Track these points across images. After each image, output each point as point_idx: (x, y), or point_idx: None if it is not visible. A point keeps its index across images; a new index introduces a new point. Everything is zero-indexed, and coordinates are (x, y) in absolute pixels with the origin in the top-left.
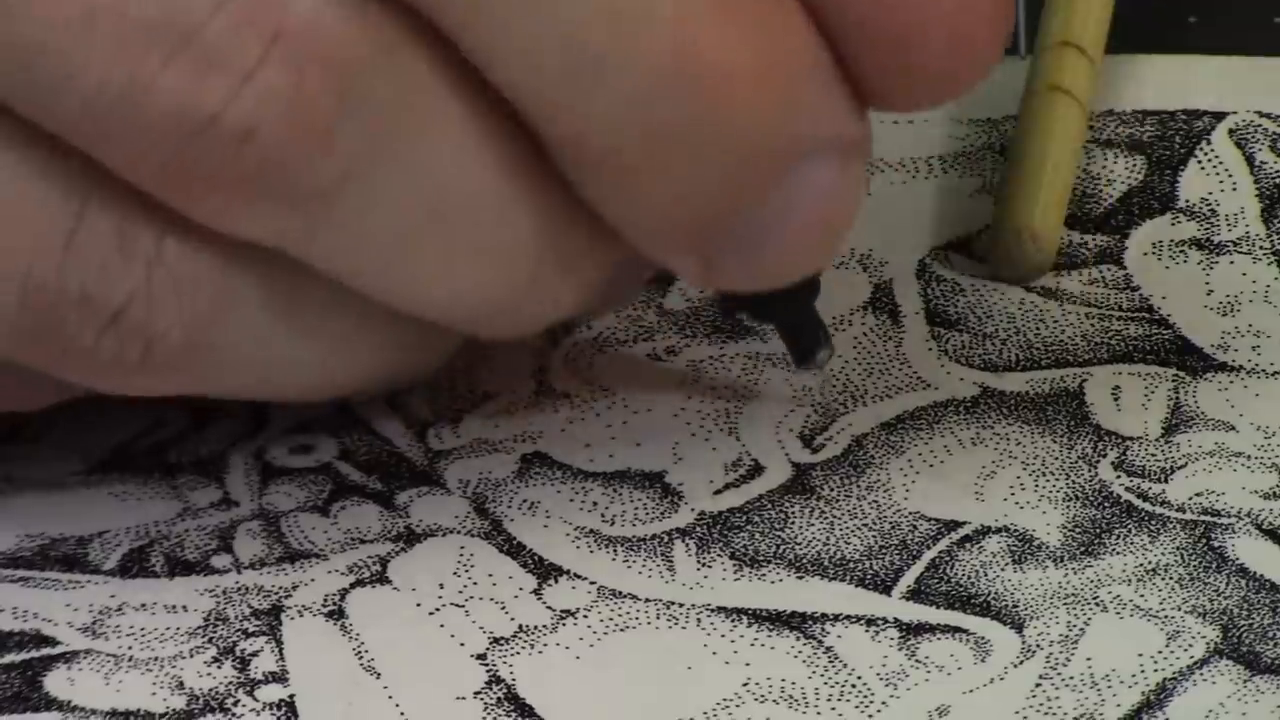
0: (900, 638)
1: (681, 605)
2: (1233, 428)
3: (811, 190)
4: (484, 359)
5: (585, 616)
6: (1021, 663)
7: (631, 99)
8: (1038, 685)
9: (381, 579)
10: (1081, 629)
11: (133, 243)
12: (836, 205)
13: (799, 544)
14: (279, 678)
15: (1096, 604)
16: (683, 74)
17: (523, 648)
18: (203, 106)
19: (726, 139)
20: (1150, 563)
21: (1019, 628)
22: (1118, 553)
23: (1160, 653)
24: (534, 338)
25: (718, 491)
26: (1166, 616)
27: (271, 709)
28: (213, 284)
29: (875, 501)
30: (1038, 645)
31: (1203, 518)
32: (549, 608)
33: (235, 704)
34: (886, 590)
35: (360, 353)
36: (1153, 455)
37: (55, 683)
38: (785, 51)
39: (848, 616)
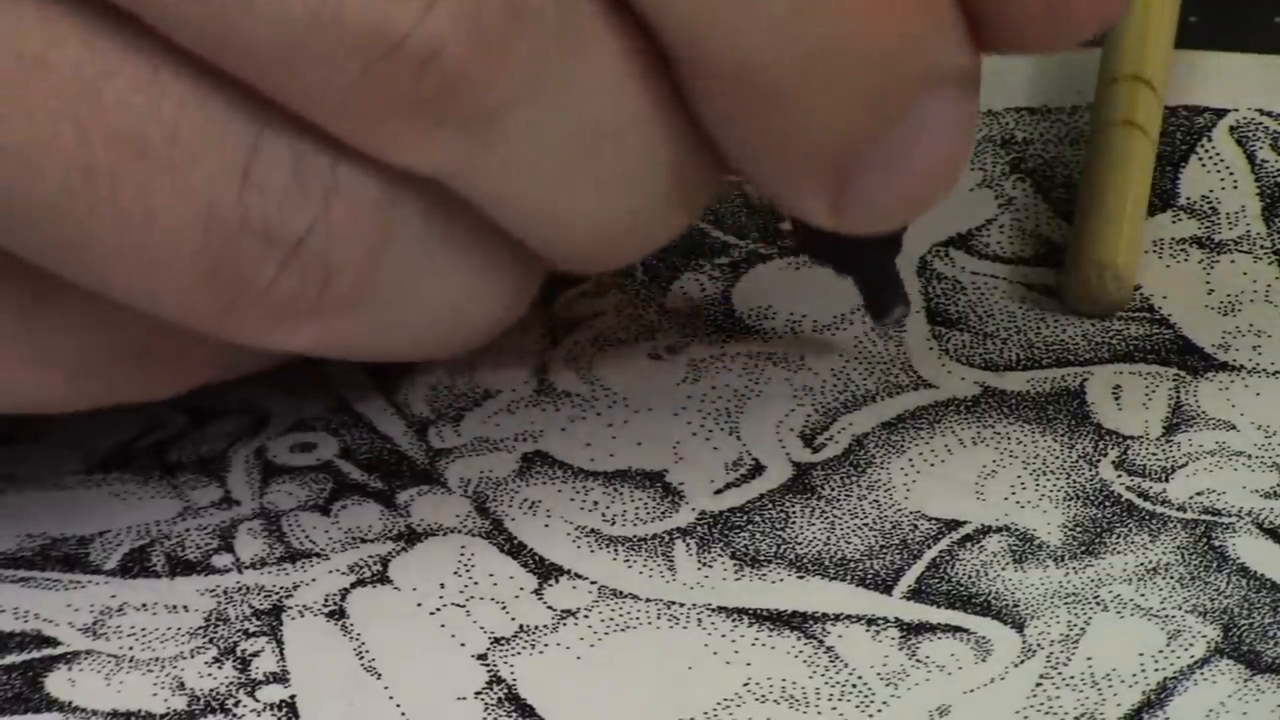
0: (901, 637)
1: (682, 605)
2: (1233, 427)
3: (937, 122)
4: (485, 357)
5: (586, 616)
6: (1022, 662)
7: (785, 18)
8: (1038, 685)
9: (382, 579)
10: (1082, 628)
11: (309, 171)
12: (958, 137)
13: (800, 544)
14: (280, 678)
15: (1097, 603)
16: None
17: (523, 647)
18: (391, 28)
19: (871, 56)
20: (1151, 562)
21: (1020, 627)
22: (1118, 552)
23: (1161, 652)
24: (535, 337)
25: (718, 491)
26: (1167, 616)
27: (272, 709)
28: (383, 211)
29: (876, 501)
30: (1038, 645)
31: (1203, 517)
32: (550, 607)
33: (236, 704)
34: (887, 590)
35: (494, 293)
36: (1153, 454)
37: (56, 683)
38: None
39: (848, 616)
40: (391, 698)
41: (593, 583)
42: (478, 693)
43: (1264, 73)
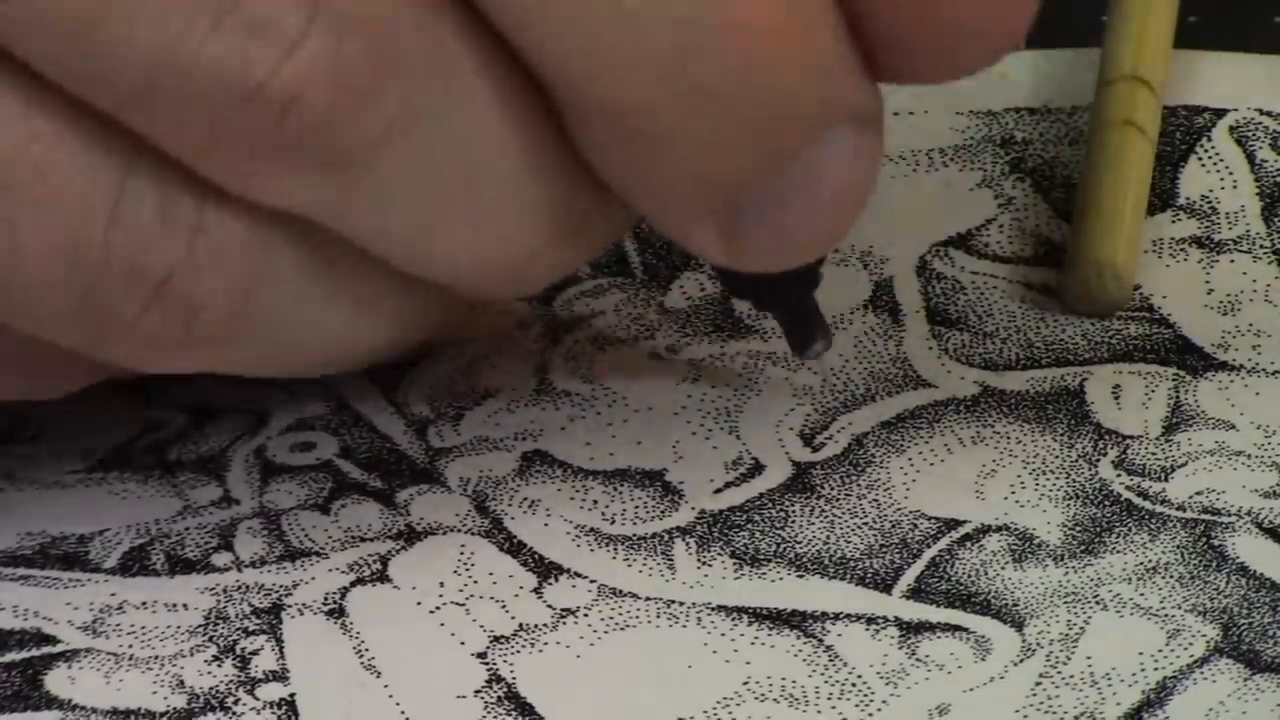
0: (900, 636)
1: (682, 604)
2: (1233, 426)
3: (834, 160)
4: (485, 357)
5: (585, 615)
6: (1022, 661)
7: (664, 55)
8: (1038, 684)
9: (382, 577)
10: (1082, 627)
11: (175, 212)
12: (857, 176)
13: (799, 543)
14: (279, 676)
15: (1097, 602)
16: (716, 28)
17: (523, 646)
18: (249, 74)
19: (757, 98)
20: (1150, 561)
21: (1019, 626)
22: (1118, 551)
23: (1160, 651)
24: (535, 337)
25: (718, 490)
26: (1167, 615)
27: (272, 707)
28: (251, 253)
29: (875, 500)
30: (1038, 644)
31: (1203, 516)
32: (549, 606)
33: (236, 703)
34: (887, 589)
35: (381, 319)
36: (1153, 454)
37: (56, 681)
38: (813, 12)
39: (848, 615)
40: (391, 696)
41: (592, 581)
42: (477, 691)
43: (1264, 72)
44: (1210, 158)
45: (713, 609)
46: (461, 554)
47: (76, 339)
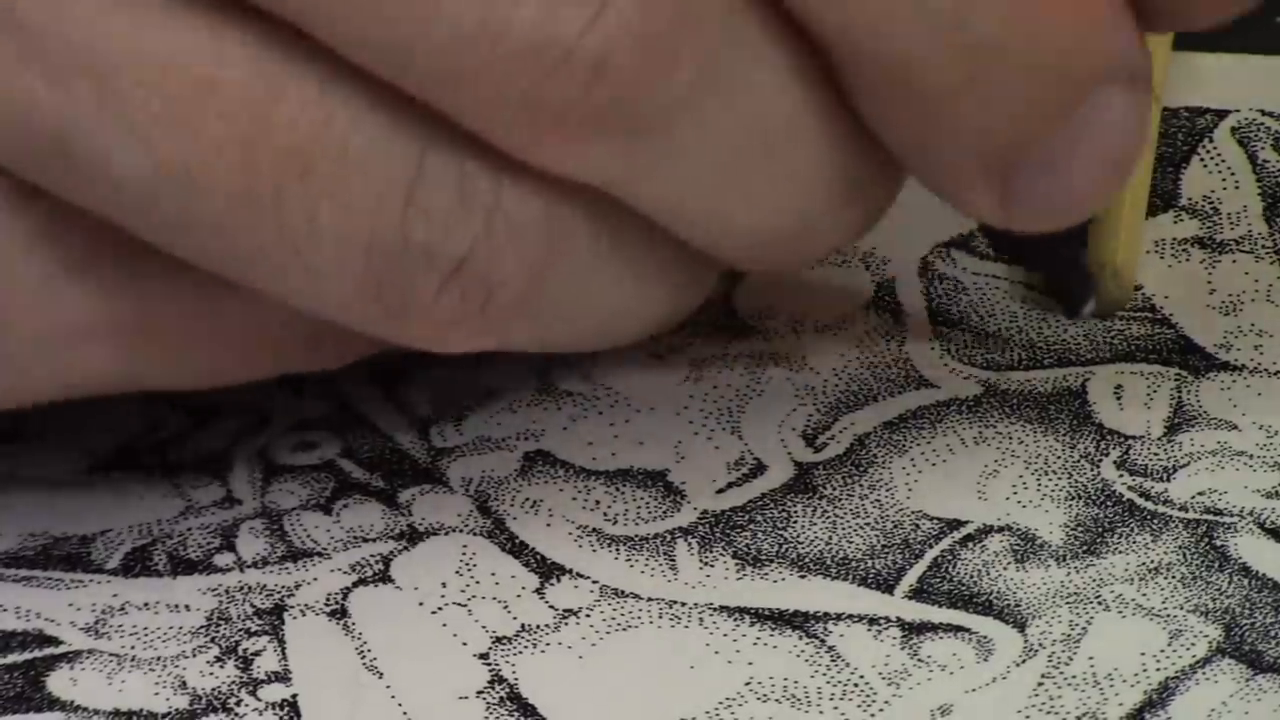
0: (902, 637)
1: (684, 604)
2: (1235, 427)
3: (1106, 119)
4: (486, 357)
5: (588, 616)
6: (1024, 662)
7: (950, 15)
8: (1040, 684)
9: (384, 578)
10: (1084, 628)
11: (472, 191)
12: (1129, 133)
13: (801, 543)
14: (282, 677)
15: (1099, 603)
16: None
17: (525, 647)
18: (559, 38)
19: (1036, 56)
20: (1152, 562)
21: (1021, 627)
22: (1120, 552)
23: (1163, 652)
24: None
25: (720, 490)
26: (1169, 615)
27: (274, 708)
28: (546, 229)
29: (877, 500)
30: (1040, 644)
31: (1205, 517)
32: (551, 607)
33: (238, 704)
34: (889, 589)
35: (660, 293)
36: (1155, 454)
37: (58, 683)
38: None
39: (850, 615)
40: (393, 697)
41: (594, 582)
42: (479, 692)
43: (1265, 73)
44: (1212, 159)
45: (715, 609)
46: (464, 554)
47: (372, 321)
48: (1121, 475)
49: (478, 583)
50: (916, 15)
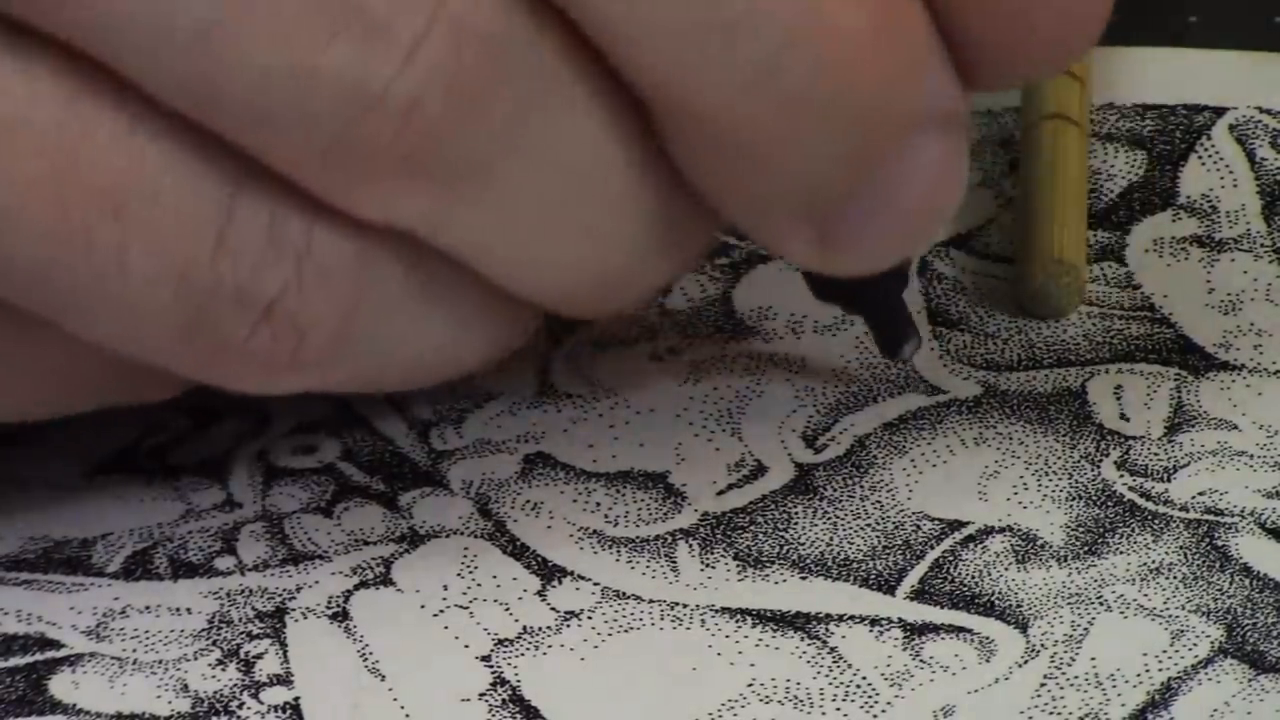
0: (904, 638)
1: (685, 606)
2: (1235, 427)
3: (924, 164)
4: None
5: (589, 618)
6: (1026, 662)
7: (760, 66)
8: (1042, 685)
9: (385, 580)
10: (1086, 628)
11: (283, 233)
12: (947, 179)
13: (802, 544)
14: (284, 680)
15: (1100, 603)
16: (810, 37)
17: (527, 649)
18: (369, 82)
19: (848, 104)
20: (1154, 562)
21: (1023, 627)
22: (1121, 552)
23: (1165, 652)
24: (535, 339)
25: (721, 492)
26: (1170, 616)
27: (276, 711)
28: (357, 273)
29: (878, 502)
30: (1042, 645)
31: (1206, 517)
32: (553, 609)
33: (240, 706)
34: (890, 590)
35: (476, 335)
36: (1155, 454)
37: (60, 686)
38: (902, 18)
39: (852, 617)
40: (395, 699)
41: (596, 584)
42: (481, 694)
43: (1263, 71)
44: (1210, 156)
45: (716, 611)
46: (465, 557)
47: (185, 363)
48: (1122, 475)
49: (479, 585)
50: (726, 67)
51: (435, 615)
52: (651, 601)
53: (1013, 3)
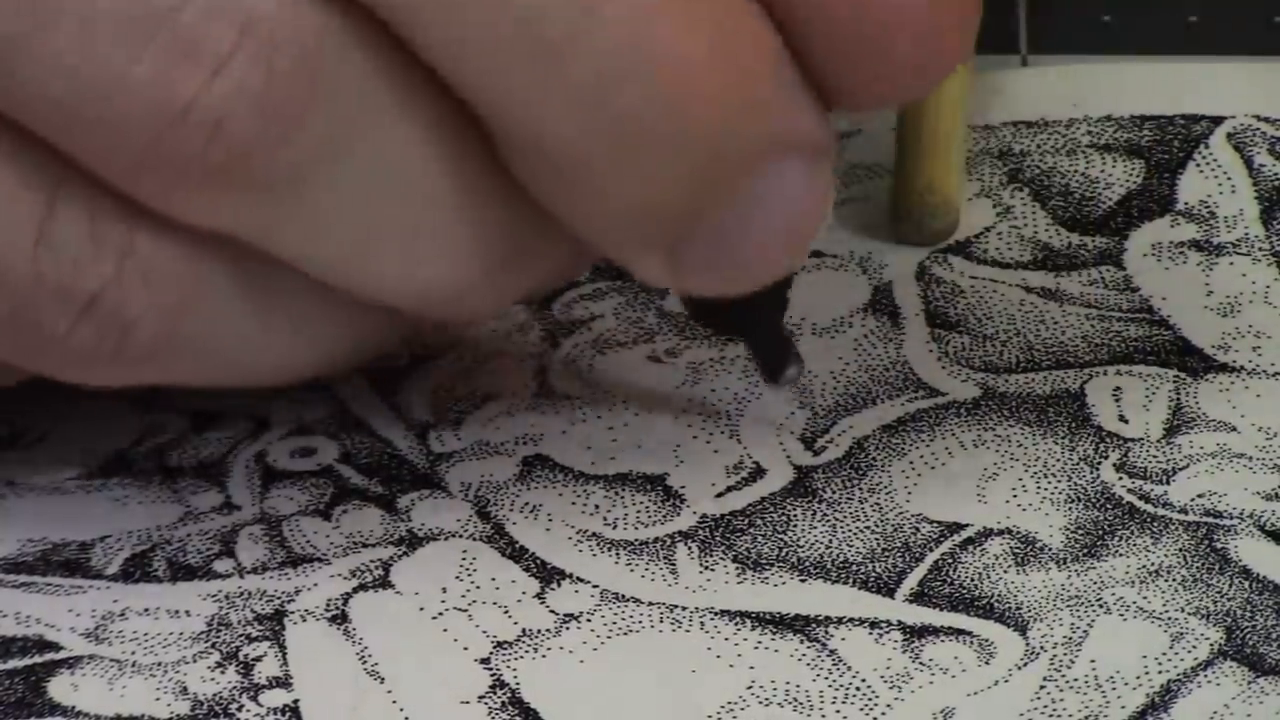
0: (904, 640)
1: (684, 608)
2: (1234, 429)
3: (780, 193)
4: (484, 361)
5: (589, 620)
6: (1025, 665)
7: (588, 89)
8: (1042, 687)
9: (384, 583)
10: (1085, 631)
11: (104, 233)
12: (805, 209)
13: (801, 547)
14: (283, 682)
15: (1100, 606)
16: (639, 61)
17: (526, 651)
18: (176, 97)
19: (687, 133)
20: (1153, 564)
21: (1023, 630)
22: (1120, 554)
23: (1164, 654)
24: (534, 341)
25: (719, 494)
26: (1170, 618)
27: (275, 714)
28: (182, 273)
29: (877, 504)
30: (1041, 647)
31: (1205, 519)
32: (552, 611)
33: (239, 709)
34: (889, 593)
35: (323, 335)
36: (1154, 457)
37: (58, 688)
38: (742, 45)
39: (851, 619)
40: (395, 702)
41: (595, 586)
42: (481, 697)
43: (1261, 79)
44: (1208, 164)
45: (716, 613)
46: (463, 559)
47: (14, 351)
48: (1121, 478)
49: (478, 587)
50: (553, 89)
51: (434, 618)
52: (650, 604)
53: (866, 29)
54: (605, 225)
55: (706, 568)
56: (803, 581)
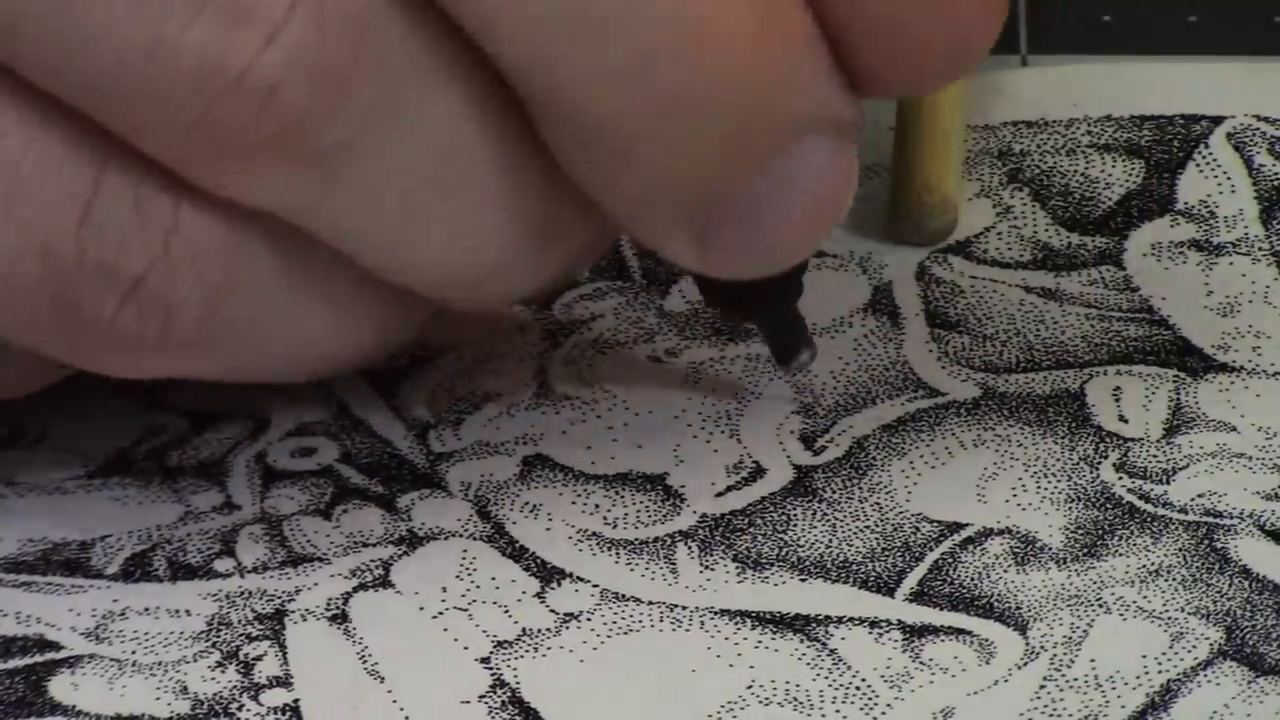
0: (904, 639)
1: (684, 608)
2: (1234, 429)
3: (808, 170)
4: (484, 361)
5: (589, 619)
6: (1025, 664)
7: (632, 61)
8: (1042, 687)
9: (384, 583)
10: (1085, 630)
11: (150, 211)
12: (832, 187)
13: (801, 546)
14: (283, 682)
15: (1100, 605)
16: (683, 35)
17: (526, 651)
18: (229, 64)
19: (725, 106)
20: (1153, 564)
21: (1022, 629)
22: (1120, 554)
23: (1164, 654)
24: (535, 340)
25: (720, 494)
26: (1170, 618)
27: (276, 713)
28: (226, 254)
29: (877, 503)
30: (1041, 647)
31: (1205, 519)
32: (552, 611)
33: (240, 709)
34: (889, 592)
35: (357, 324)
36: (1154, 456)
37: (59, 687)
38: (783, 23)
39: (851, 619)
40: (395, 701)
41: (595, 586)
42: (481, 696)
43: (1260, 78)
44: (1208, 164)
45: (716, 613)
46: (464, 559)
47: (49, 341)
48: (1121, 477)
49: (478, 587)
50: (597, 60)
51: (434, 617)
52: (651, 603)
53: (899, 14)
54: (639, 201)
55: (706, 567)
56: (803, 581)
